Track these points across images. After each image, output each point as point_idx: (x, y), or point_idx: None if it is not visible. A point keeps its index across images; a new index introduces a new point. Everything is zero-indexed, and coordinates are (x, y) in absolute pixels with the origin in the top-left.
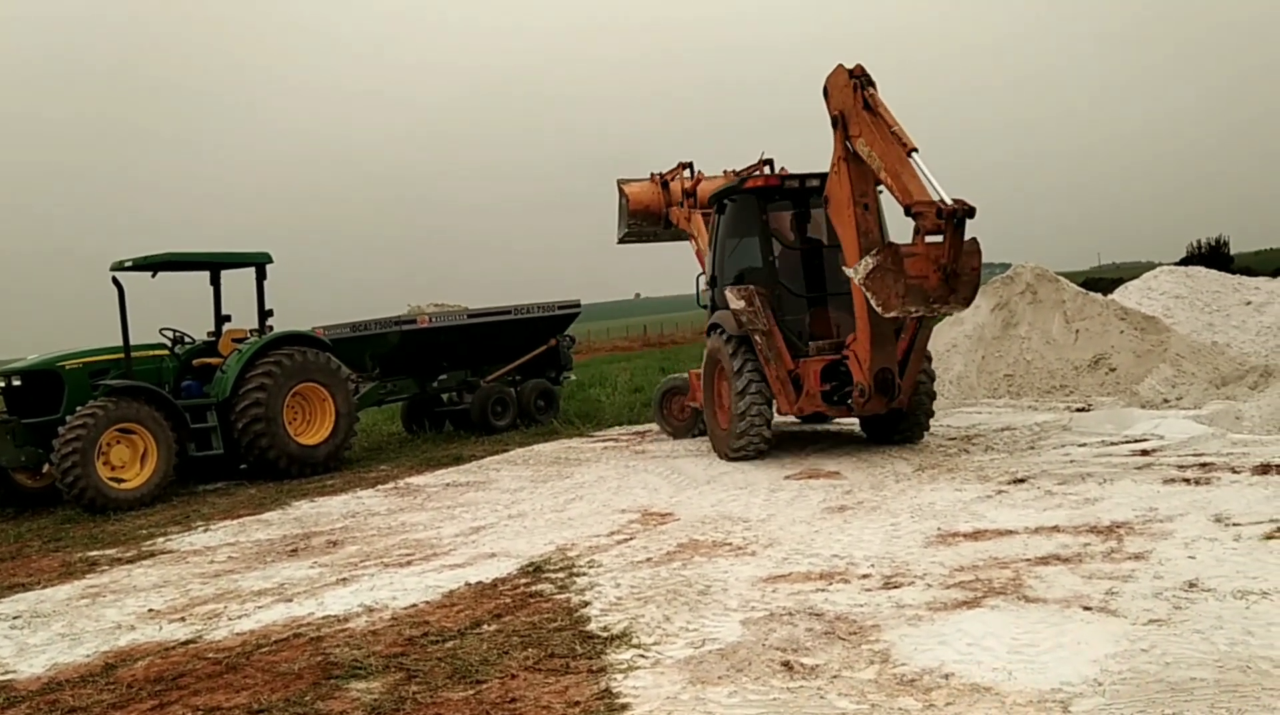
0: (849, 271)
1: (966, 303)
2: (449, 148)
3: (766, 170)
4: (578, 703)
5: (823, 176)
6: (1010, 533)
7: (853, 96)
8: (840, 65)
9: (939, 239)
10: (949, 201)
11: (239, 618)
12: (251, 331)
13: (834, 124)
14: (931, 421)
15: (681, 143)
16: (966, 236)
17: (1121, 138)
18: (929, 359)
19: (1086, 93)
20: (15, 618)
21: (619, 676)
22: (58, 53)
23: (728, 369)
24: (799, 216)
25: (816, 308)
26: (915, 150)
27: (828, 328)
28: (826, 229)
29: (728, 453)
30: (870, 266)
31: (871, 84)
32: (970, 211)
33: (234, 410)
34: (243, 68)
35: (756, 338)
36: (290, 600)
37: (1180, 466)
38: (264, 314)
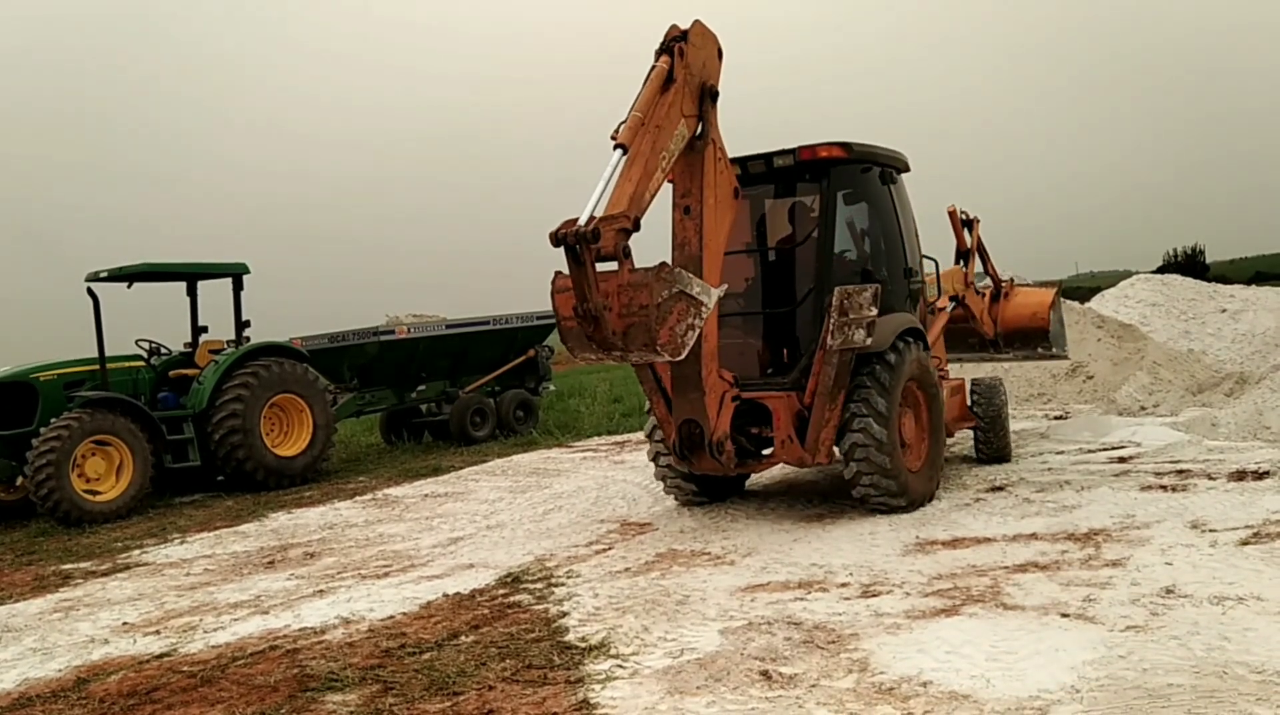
0: None
1: (654, 351)
2: (430, 154)
3: None
4: (556, 714)
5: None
6: (988, 540)
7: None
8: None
9: (609, 267)
10: (584, 220)
11: (214, 630)
12: (228, 342)
13: (712, 97)
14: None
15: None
16: (634, 266)
17: (1100, 146)
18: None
19: (1068, 106)
20: None
21: (597, 687)
22: (28, 50)
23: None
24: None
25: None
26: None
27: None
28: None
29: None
30: None
31: None
32: (581, 236)
33: (211, 422)
34: (223, 71)
35: None
36: (266, 612)
37: (1157, 473)
38: (241, 325)
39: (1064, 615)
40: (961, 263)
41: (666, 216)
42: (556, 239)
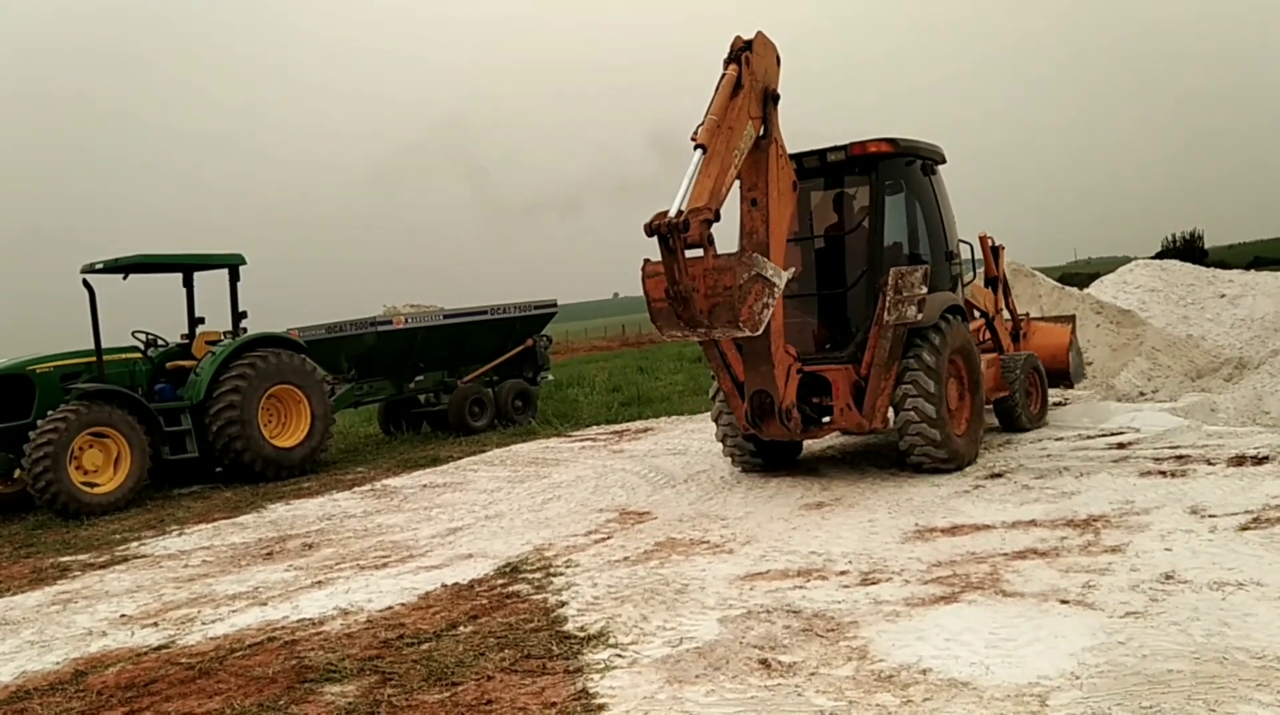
0: None
1: (736, 327)
2: (426, 144)
3: None
4: (554, 704)
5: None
6: (987, 527)
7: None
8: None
9: (696, 253)
10: (674, 212)
11: (213, 622)
12: (225, 334)
13: (774, 100)
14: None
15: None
16: (718, 252)
17: (1097, 132)
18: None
19: (1065, 92)
20: None
21: (596, 676)
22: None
23: None
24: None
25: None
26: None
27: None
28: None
29: None
30: None
31: None
32: (672, 227)
33: (208, 413)
34: (221, 64)
35: None
36: (265, 604)
37: (1156, 459)
38: (238, 316)
39: (1063, 602)
40: (991, 288)
41: (732, 208)
42: (650, 229)
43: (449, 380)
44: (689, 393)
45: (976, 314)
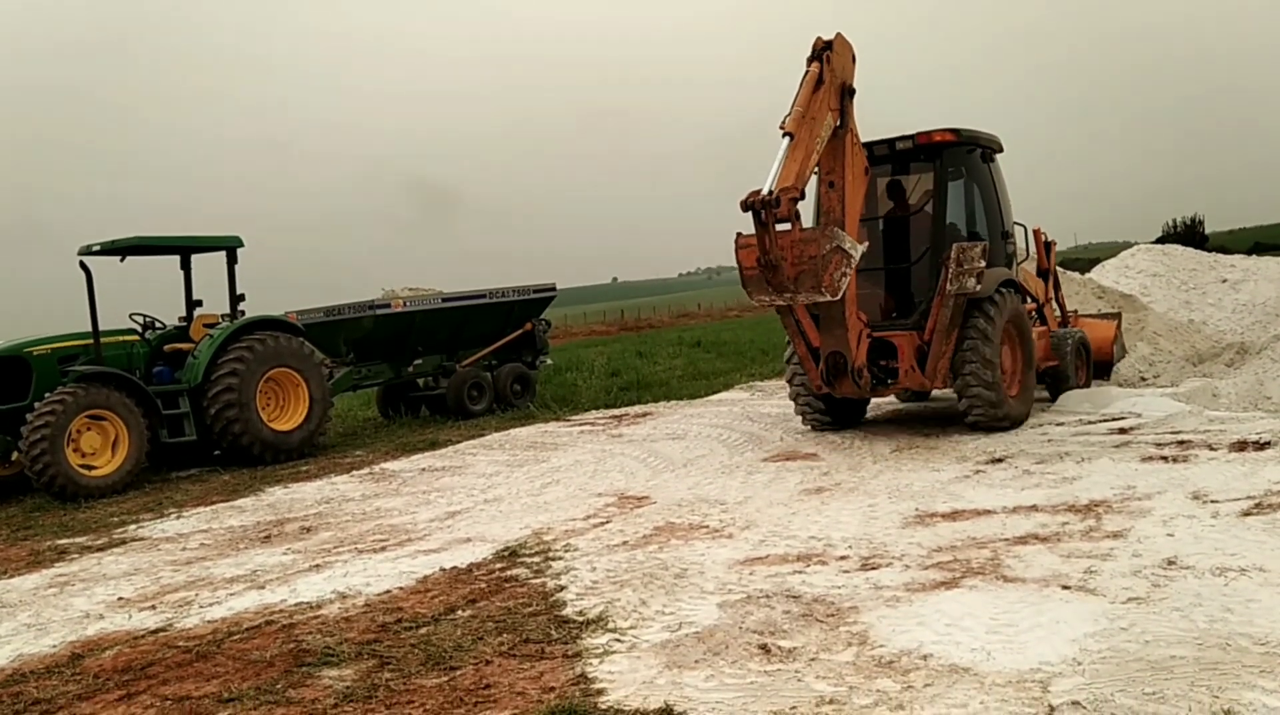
0: None
1: (819, 292)
2: (427, 127)
3: None
4: (553, 688)
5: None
6: (988, 513)
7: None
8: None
9: (785, 227)
10: (766, 191)
11: (210, 605)
12: (223, 317)
13: (849, 94)
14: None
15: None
16: (804, 225)
17: (1097, 117)
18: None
19: (1066, 77)
20: None
21: (595, 661)
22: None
23: None
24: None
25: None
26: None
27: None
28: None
29: None
30: None
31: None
32: (765, 203)
33: (206, 396)
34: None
35: None
36: (263, 587)
37: (1158, 444)
38: (235, 299)
39: (1065, 587)
40: (1042, 279)
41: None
42: (745, 206)
43: (448, 364)
44: (688, 378)
45: (1028, 299)
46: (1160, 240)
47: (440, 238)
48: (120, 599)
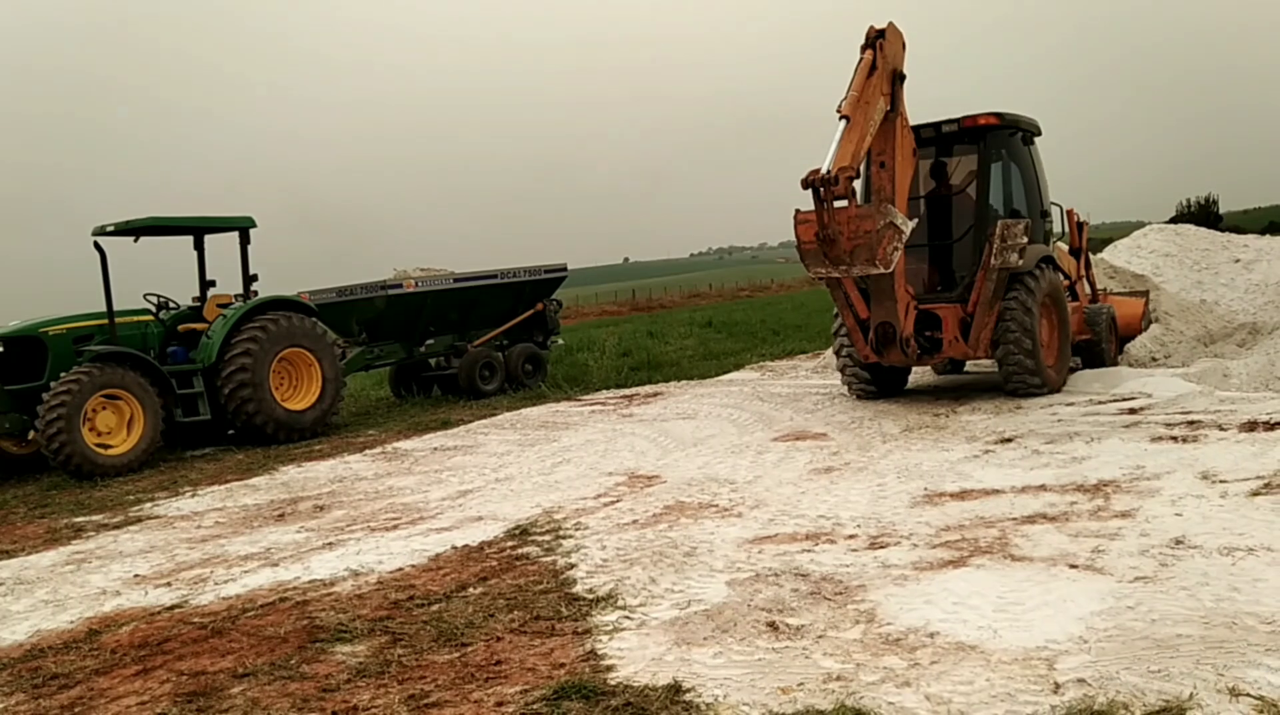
0: None
1: (873, 264)
2: (439, 107)
3: None
4: (563, 665)
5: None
6: (997, 492)
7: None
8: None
9: (842, 204)
10: (825, 169)
11: (225, 582)
12: (236, 297)
13: (900, 80)
14: (1028, 380)
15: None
16: (858, 203)
17: (1115, 98)
18: (1050, 313)
19: (1079, 55)
20: None
21: (604, 638)
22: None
23: None
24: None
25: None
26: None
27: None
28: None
29: None
30: None
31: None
32: (824, 181)
33: (220, 376)
34: (233, 29)
35: None
36: (276, 565)
37: (1168, 424)
38: (249, 279)
39: (1072, 566)
40: (1075, 258)
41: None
42: (806, 183)
43: (459, 344)
44: (699, 357)
45: (1062, 275)
46: (1174, 220)
47: (464, 217)
48: (136, 576)
